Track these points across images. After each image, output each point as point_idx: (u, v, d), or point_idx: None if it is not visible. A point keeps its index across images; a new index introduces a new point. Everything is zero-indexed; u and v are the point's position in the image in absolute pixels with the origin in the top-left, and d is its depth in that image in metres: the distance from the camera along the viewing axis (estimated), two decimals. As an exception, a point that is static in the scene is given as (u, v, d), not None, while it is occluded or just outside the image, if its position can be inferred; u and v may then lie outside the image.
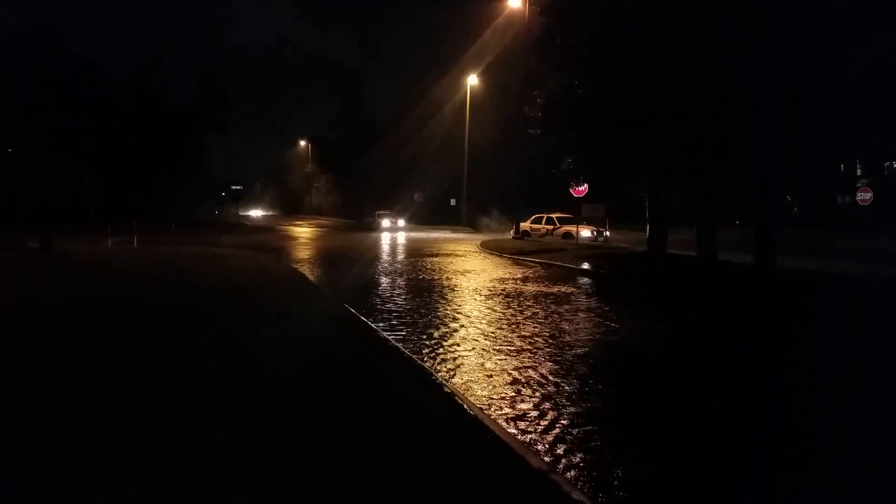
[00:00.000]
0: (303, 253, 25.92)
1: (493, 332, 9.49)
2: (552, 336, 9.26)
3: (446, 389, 6.12)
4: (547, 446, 5.09)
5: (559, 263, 20.05)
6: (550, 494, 3.96)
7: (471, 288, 14.68)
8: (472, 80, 47.67)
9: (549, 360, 7.82)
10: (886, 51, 15.01)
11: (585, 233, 30.06)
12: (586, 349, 8.52)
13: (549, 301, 12.68)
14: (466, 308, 11.76)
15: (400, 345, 8.24)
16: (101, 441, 4.63)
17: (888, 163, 41.54)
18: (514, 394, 6.44)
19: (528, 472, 4.27)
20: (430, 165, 54.64)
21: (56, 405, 5.43)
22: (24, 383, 6.08)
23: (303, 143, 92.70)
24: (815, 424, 5.94)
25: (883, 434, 5.68)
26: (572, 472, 4.60)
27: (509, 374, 7.16)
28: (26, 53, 47.51)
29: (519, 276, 17.24)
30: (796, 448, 5.33)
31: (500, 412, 5.87)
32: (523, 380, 6.95)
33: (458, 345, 8.63)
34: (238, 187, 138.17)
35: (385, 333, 8.97)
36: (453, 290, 14.15)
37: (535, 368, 7.42)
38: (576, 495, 3.96)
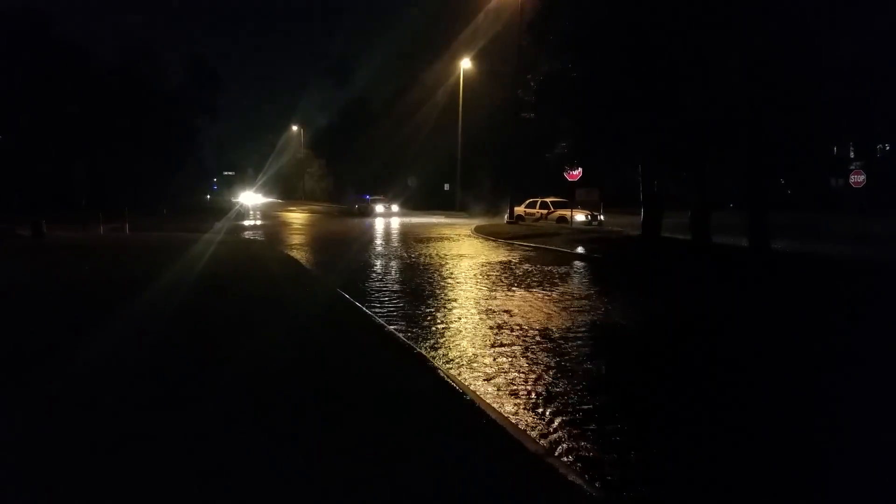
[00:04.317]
0: (296, 239, 25.82)
1: (487, 318, 9.47)
2: (547, 319, 9.25)
3: (441, 374, 6.10)
4: (544, 432, 5.09)
5: (553, 247, 20.03)
6: (547, 477, 3.95)
7: (465, 272, 14.66)
8: (466, 64, 47.28)
9: (545, 347, 7.82)
10: (880, 33, 14.95)
11: (580, 217, 30.01)
12: (580, 332, 8.52)
13: (543, 284, 12.67)
14: (461, 292, 11.74)
15: (393, 329, 8.23)
16: (102, 430, 4.61)
17: (881, 145, 41.59)
18: (507, 379, 6.43)
19: (525, 455, 4.26)
20: (423, 150, 54.34)
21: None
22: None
23: (295, 128, 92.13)
24: (809, 407, 5.96)
25: (874, 413, 5.71)
26: (569, 456, 4.60)
27: (503, 360, 7.15)
28: (14, 39, 46.80)
29: (513, 259, 17.23)
30: (789, 429, 5.35)
31: (494, 396, 5.86)
32: (517, 364, 6.94)
33: (454, 329, 8.62)
34: (230, 173, 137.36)
35: (380, 319, 8.95)
36: (448, 275, 14.12)
37: (531, 354, 7.42)
38: (572, 477, 3.96)
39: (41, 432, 4.56)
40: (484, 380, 6.36)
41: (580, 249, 19.21)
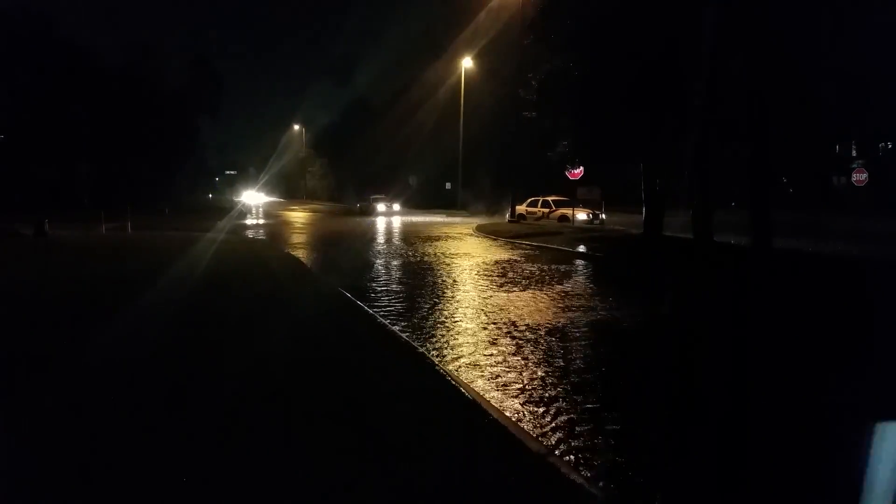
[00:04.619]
0: (298, 238, 25.84)
1: (489, 317, 9.47)
2: (549, 318, 9.25)
3: (442, 373, 6.10)
4: (546, 431, 5.08)
5: (555, 246, 20.03)
6: (549, 477, 3.95)
7: (466, 271, 14.66)
8: (467, 63, 47.30)
9: (547, 346, 7.82)
10: (882, 32, 14.92)
11: (581, 216, 30.01)
12: (582, 331, 8.52)
13: (545, 283, 12.67)
14: (463, 291, 11.74)
15: (395, 328, 8.23)
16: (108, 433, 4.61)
17: (883, 143, 41.54)
18: (508, 378, 6.43)
19: (527, 454, 4.26)
20: (424, 149, 54.36)
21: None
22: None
23: (296, 127, 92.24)
24: (809, 408, 5.96)
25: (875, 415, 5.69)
26: (571, 456, 4.60)
27: (505, 358, 7.15)
28: (17, 39, 46.91)
29: (514, 258, 17.23)
30: (790, 431, 5.34)
31: (495, 395, 5.86)
32: (519, 363, 6.94)
33: (455, 328, 8.62)
34: (232, 172, 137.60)
35: (381, 318, 8.95)
36: (450, 274, 14.13)
37: (533, 353, 7.42)
38: (574, 477, 3.96)
39: (41, 433, 4.57)
40: (485, 379, 6.36)
41: (582, 248, 19.21)
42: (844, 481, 4.35)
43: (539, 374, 6.55)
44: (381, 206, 46.69)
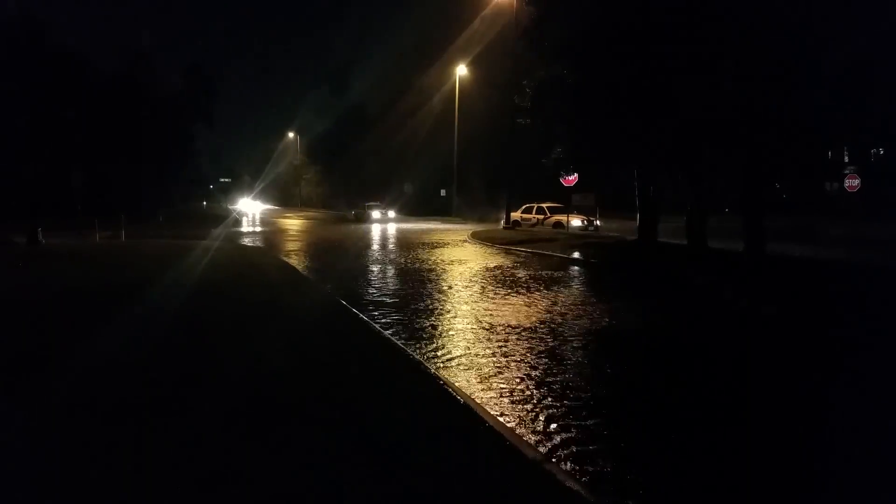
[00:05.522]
0: (293, 246, 25.82)
1: (484, 324, 9.48)
2: (544, 325, 9.27)
3: (438, 380, 6.11)
4: (542, 438, 5.09)
5: (549, 252, 20.07)
6: (545, 483, 3.96)
7: (461, 278, 14.67)
8: (462, 71, 47.48)
9: (543, 353, 7.83)
10: (876, 37, 15.05)
11: (576, 222, 30.14)
12: (578, 338, 8.54)
13: (540, 289, 12.69)
14: (457, 298, 11.75)
15: (390, 335, 8.24)
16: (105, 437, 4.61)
17: (874, 150, 41.86)
18: (504, 385, 6.44)
19: (523, 460, 4.27)
20: (419, 156, 54.49)
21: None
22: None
23: (291, 135, 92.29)
24: (802, 415, 5.99)
25: (867, 423, 5.74)
26: (567, 463, 4.62)
27: (501, 366, 7.16)
28: (12, 44, 46.82)
29: (509, 265, 17.25)
30: (784, 437, 5.37)
31: (492, 402, 5.87)
32: (514, 370, 6.96)
33: (451, 335, 8.63)
34: (226, 180, 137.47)
35: (376, 325, 8.96)
36: (445, 281, 14.14)
37: (528, 360, 7.43)
38: (570, 483, 3.97)
39: (34, 447, 4.56)
40: (481, 385, 6.37)
41: (576, 254, 19.25)
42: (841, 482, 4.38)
43: (534, 380, 6.56)
44: (376, 213, 46.73)
